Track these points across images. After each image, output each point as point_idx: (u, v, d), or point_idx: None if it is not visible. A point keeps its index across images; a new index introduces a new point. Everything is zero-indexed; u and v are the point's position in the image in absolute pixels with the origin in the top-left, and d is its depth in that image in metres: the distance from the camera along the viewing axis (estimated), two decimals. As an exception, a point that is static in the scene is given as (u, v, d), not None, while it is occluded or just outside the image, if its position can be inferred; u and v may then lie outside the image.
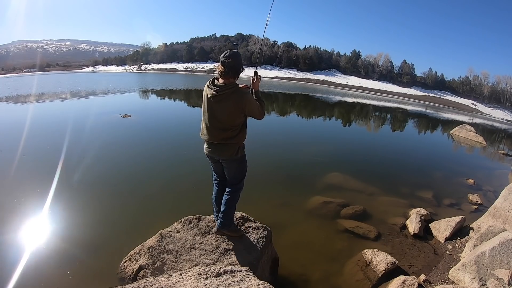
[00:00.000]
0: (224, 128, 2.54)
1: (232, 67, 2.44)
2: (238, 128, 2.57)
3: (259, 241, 2.90)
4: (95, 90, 22.66)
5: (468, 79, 70.35)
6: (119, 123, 10.25)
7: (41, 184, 4.88)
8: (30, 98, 17.23)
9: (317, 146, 9.42)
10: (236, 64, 2.45)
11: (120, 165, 6.25)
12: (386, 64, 75.23)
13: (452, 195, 6.15)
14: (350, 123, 17.19)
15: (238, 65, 2.47)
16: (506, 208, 4.43)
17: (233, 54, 2.46)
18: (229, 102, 2.45)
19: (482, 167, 9.58)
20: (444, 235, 4.33)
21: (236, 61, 2.45)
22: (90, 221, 3.98)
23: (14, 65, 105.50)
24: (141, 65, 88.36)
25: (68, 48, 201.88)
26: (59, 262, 3.14)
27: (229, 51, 2.48)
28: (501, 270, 3.09)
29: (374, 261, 3.48)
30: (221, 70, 2.45)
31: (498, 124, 35.29)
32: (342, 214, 4.75)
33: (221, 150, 2.62)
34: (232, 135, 2.56)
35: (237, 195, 2.83)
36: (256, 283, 2.22)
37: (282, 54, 78.56)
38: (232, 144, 2.59)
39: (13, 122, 10.26)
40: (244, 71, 2.57)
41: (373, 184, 6.14)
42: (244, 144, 2.72)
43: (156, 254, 2.71)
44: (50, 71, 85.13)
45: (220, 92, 2.44)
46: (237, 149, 2.62)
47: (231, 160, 2.67)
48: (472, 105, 59.39)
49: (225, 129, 2.54)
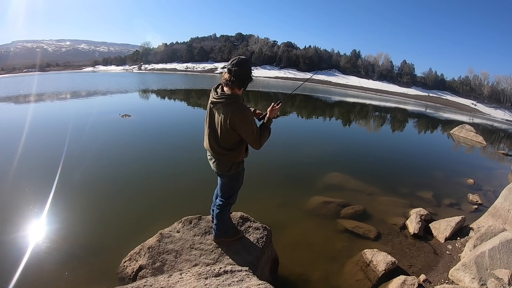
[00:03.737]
0: (217, 140, 2.33)
1: (238, 76, 2.19)
2: (233, 145, 2.34)
3: (259, 241, 2.90)
4: (95, 90, 22.64)
5: (468, 79, 70.32)
6: (119, 123, 10.25)
7: (41, 183, 4.88)
8: (30, 98, 17.22)
9: (317, 146, 9.42)
10: (243, 73, 2.19)
11: (120, 165, 6.25)
12: (386, 64, 75.17)
13: (452, 195, 6.15)
14: (350, 123, 17.18)
15: (246, 75, 2.21)
16: (506, 208, 4.43)
17: (241, 62, 2.20)
18: (223, 113, 2.22)
19: (482, 167, 9.57)
20: (444, 235, 4.34)
21: (243, 71, 2.19)
22: (90, 221, 3.98)
23: (14, 65, 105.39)
24: (141, 65, 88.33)
25: (68, 48, 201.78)
26: (59, 262, 3.14)
27: (238, 58, 2.22)
28: (501, 270, 3.09)
29: (374, 261, 3.48)
30: (226, 78, 2.21)
31: (498, 124, 35.27)
32: (342, 214, 4.75)
33: (214, 162, 2.46)
34: (224, 152, 2.35)
35: (226, 210, 2.70)
36: (256, 283, 2.22)
37: (282, 54, 78.55)
38: (225, 160, 2.40)
39: (13, 122, 10.26)
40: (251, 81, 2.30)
41: (373, 184, 6.14)
42: (243, 161, 2.52)
43: (156, 254, 2.71)
44: (50, 71, 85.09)
45: (219, 100, 2.24)
46: (230, 166, 2.41)
47: (223, 175, 2.52)
48: (472, 105, 59.37)
49: (218, 141, 2.33)
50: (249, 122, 2.23)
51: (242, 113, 2.20)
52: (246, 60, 2.25)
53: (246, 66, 2.21)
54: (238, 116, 2.19)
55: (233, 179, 2.55)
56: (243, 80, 2.23)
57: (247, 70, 2.22)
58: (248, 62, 2.25)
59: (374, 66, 75.14)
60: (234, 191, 2.65)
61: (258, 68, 75.76)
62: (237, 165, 2.45)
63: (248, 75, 2.23)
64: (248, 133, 2.25)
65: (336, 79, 70.92)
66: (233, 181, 2.56)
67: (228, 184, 2.59)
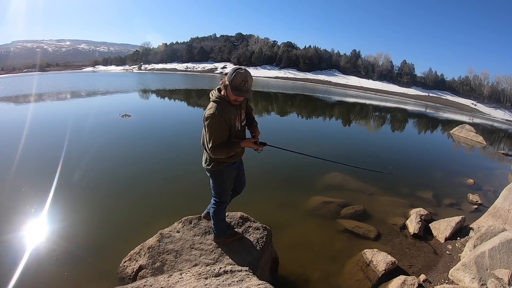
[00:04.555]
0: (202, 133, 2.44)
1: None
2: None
3: (259, 241, 2.90)
4: (95, 90, 22.64)
5: (468, 79, 70.36)
6: (119, 123, 10.24)
7: (41, 183, 4.88)
8: (30, 98, 17.22)
9: (317, 146, 9.41)
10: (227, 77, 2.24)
11: (120, 165, 6.24)
12: (386, 64, 75.21)
13: (452, 195, 6.15)
14: (350, 123, 17.18)
15: (228, 79, 2.22)
16: (506, 208, 4.43)
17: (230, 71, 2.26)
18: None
19: (482, 167, 9.57)
20: (444, 235, 4.33)
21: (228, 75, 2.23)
22: (90, 221, 3.98)
23: (14, 65, 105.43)
24: (141, 65, 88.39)
25: (68, 48, 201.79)
26: (59, 262, 3.14)
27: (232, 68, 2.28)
28: (501, 270, 3.09)
29: (374, 261, 3.48)
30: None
31: (498, 124, 35.28)
32: (342, 214, 4.75)
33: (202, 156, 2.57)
34: (204, 147, 2.45)
35: (220, 209, 2.72)
36: (256, 283, 2.22)
37: (282, 54, 78.57)
38: (206, 154, 2.48)
39: (13, 122, 10.25)
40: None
41: (373, 184, 6.14)
42: (226, 163, 2.49)
43: (156, 254, 2.71)
44: (50, 71, 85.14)
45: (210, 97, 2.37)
46: (210, 161, 2.47)
47: (206, 170, 2.57)
48: (472, 105, 59.40)
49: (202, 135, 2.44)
50: (213, 130, 2.25)
51: (210, 118, 2.23)
52: (234, 70, 2.22)
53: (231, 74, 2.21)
54: (206, 117, 2.25)
55: (217, 176, 2.55)
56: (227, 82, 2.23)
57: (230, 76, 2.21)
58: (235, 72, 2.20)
59: (374, 66, 75.16)
60: (222, 189, 2.63)
61: (258, 68, 75.76)
62: (217, 163, 2.46)
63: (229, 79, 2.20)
64: (207, 134, 2.29)
65: (336, 79, 70.93)
66: (217, 178, 2.57)
67: (215, 182, 2.60)
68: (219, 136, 2.27)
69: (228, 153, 2.32)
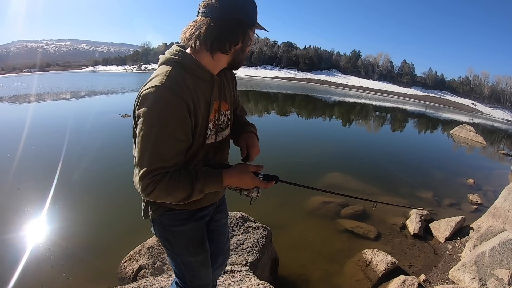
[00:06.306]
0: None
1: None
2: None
3: (259, 241, 2.90)
4: (95, 90, 22.64)
5: (468, 79, 70.45)
6: (119, 123, 10.24)
7: (41, 183, 4.87)
8: (30, 98, 17.22)
9: (317, 145, 9.41)
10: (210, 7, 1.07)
11: (120, 165, 6.23)
12: (386, 64, 75.31)
13: (452, 195, 6.14)
14: (350, 123, 17.18)
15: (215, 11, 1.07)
16: (506, 208, 4.43)
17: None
18: None
19: (482, 167, 9.57)
20: (444, 235, 4.33)
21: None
22: (90, 221, 3.98)
23: (14, 65, 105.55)
24: (141, 65, 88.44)
25: (68, 48, 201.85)
26: (58, 262, 3.13)
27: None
28: (501, 270, 3.09)
29: (374, 261, 3.48)
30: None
31: (498, 124, 35.30)
32: (342, 214, 4.75)
33: None
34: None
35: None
36: (256, 283, 2.22)
37: (282, 54, 78.64)
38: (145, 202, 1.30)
39: (13, 121, 10.25)
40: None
41: (373, 184, 6.14)
42: (184, 210, 1.27)
43: (156, 254, 2.70)
44: (50, 71, 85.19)
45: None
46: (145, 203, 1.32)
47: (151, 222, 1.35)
48: (472, 105, 59.44)
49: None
50: (152, 126, 1.02)
51: (149, 97, 1.04)
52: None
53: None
54: (141, 100, 1.08)
55: (171, 237, 1.31)
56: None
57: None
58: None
59: (374, 66, 75.23)
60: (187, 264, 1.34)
61: (258, 68, 75.76)
62: (158, 207, 1.27)
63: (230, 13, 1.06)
64: (137, 147, 1.08)
65: (336, 79, 70.99)
66: (171, 240, 1.31)
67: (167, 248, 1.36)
68: (166, 144, 1.02)
69: (185, 194, 1.06)
